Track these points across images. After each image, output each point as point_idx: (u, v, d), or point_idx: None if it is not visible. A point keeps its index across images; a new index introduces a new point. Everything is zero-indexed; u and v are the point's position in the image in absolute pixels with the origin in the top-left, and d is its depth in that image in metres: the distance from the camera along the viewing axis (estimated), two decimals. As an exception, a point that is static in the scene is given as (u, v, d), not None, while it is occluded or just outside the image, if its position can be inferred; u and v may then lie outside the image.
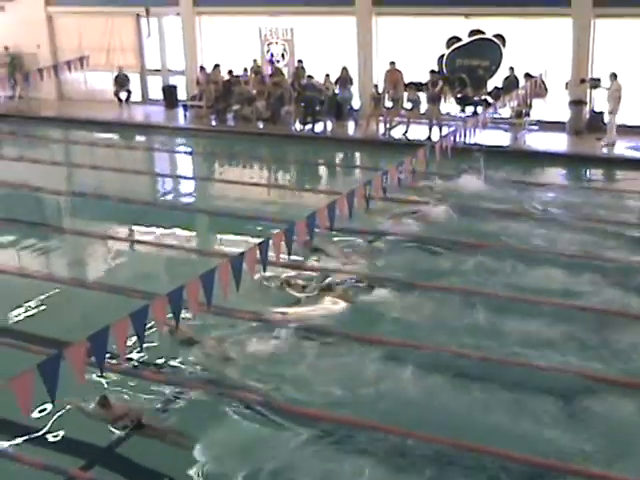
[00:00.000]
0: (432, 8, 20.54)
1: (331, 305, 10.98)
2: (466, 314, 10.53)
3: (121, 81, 24.69)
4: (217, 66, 23.17)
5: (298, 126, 21.59)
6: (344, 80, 21.56)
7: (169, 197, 17.27)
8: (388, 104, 21.14)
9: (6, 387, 6.43)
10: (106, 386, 8.90)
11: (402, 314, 10.59)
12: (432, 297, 11.08)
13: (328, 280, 11.58)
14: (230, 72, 22.96)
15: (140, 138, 22.96)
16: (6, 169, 19.44)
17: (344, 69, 21.49)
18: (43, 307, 11.47)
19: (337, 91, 21.65)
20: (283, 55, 23.21)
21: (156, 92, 25.23)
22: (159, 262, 12.93)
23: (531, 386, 8.85)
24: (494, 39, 20.51)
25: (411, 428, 8.05)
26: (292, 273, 11.74)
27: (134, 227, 14.80)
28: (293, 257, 10.35)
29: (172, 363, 9.58)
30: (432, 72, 20.53)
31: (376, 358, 9.49)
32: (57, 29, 26.45)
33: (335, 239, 12.81)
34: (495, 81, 20.71)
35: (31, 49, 26.23)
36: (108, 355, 7.26)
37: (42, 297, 11.80)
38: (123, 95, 24.75)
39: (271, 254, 9.31)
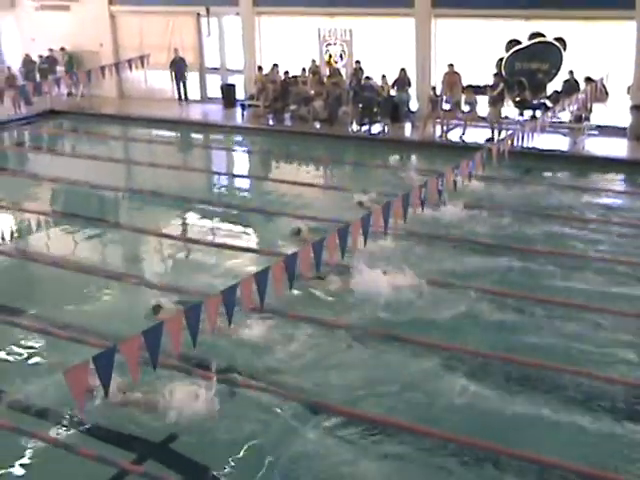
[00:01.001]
0: (492, 10, 20.35)
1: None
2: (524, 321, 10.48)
3: (177, 64, 24.88)
4: (275, 66, 23.29)
5: (355, 127, 21.58)
6: (402, 82, 21.48)
7: (225, 195, 17.39)
8: (446, 106, 21.02)
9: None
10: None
11: (456, 319, 10.57)
12: (488, 299, 11.02)
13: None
14: (286, 72, 23.05)
15: (198, 136, 23.20)
16: (67, 165, 19.83)
17: (402, 70, 21.42)
18: (99, 301, 11.70)
19: (393, 93, 21.57)
20: (341, 56, 23.22)
21: (215, 91, 25.44)
22: (213, 260, 13.02)
23: (586, 396, 8.76)
24: (554, 42, 20.23)
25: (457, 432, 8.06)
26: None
27: (190, 224, 14.94)
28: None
29: (222, 362, 9.65)
30: (495, 75, 20.36)
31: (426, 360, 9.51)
32: (119, 28, 26.85)
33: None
34: (555, 85, 20.43)
35: (93, 48, 26.67)
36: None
37: (98, 292, 12.05)
38: (181, 89, 25.01)
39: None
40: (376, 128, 21.49)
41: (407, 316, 10.57)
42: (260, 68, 23.54)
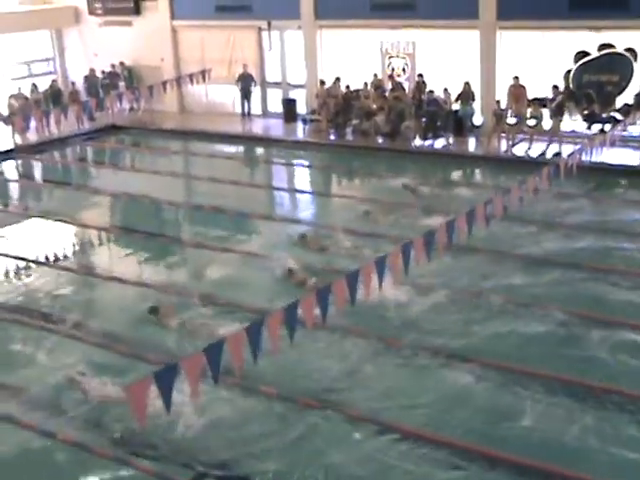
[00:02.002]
0: (559, 22, 20.13)
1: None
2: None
3: (245, 80, 25.06)
4: (337, 80, 23.37)
5: (418, 142, 21.53)
6: (466, 95, 21.38)
7: (286, 211, 17.45)
8: (511, 120, 20.84)
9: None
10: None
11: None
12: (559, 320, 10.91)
13: None
14: (348, 87, 23.11)
15: (259, 151, 23.38)
16: (128, 180, 20.16)
17: (466, 84, 21.32)
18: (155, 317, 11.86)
19: (457, 107, 21.47)
20: (404, 69, 23.21)
21: (276, 105, 25.64)
22: (273, 276, 13.07)
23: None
24: (625, 53, 19.93)
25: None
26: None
27: (249, 240, 15.03)
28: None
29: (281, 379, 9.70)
30: (554, 87, 20.13)
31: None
32: (180, 42, 27.26)
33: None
34: (625, 97, 20.11)
35: (155, 62, 27.14)
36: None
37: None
38: (245, 104, 25.23)
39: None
40: (440, 143, 21.42)
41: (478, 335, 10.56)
42: (322, 82, 23.63)
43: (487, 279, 12.56)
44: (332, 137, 22.94)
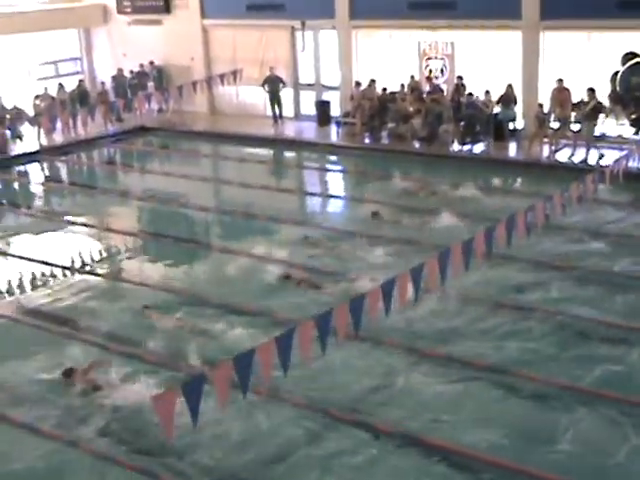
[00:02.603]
0: (607, 21, 19.95)
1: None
2: None
3: (272, 82, 25.08)
4: (373, 82, 23.37)
5: (456, 146, 21.47)
6: (508, 98, 21.24)
7: (318, 217, 17.45)
8: (554, 125, 20.71)
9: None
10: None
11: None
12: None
13: None
14: (384, 89, 23.12)
15: (291, 154, 23.43)
16: (157, 183, 20.31)
17: (509, 87, 21.18)
18: (184, 325, 11.93)
19: (497, 110, 21.37)
20: (442, 71, 23.17)
21: (309, 107, 25.70)
22: (306, 285, 13.09)
23: None
24: (676, 55, 19.74)
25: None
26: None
27: (280, 247, 15.04)
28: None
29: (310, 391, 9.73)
30: (589, 90, 19.89)
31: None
32: (211, 42, 27.44)
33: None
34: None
35: (185, 62, 27.35)
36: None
37: (184, 314, 12.28)
38: (275, 107, 25.25)
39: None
40: (479, 147, 21.34)
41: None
42: (358, 84, 23.64)
43: (526, 291, 12.52)
44: (367, 141, 22.94)
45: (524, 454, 8.48)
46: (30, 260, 15.09)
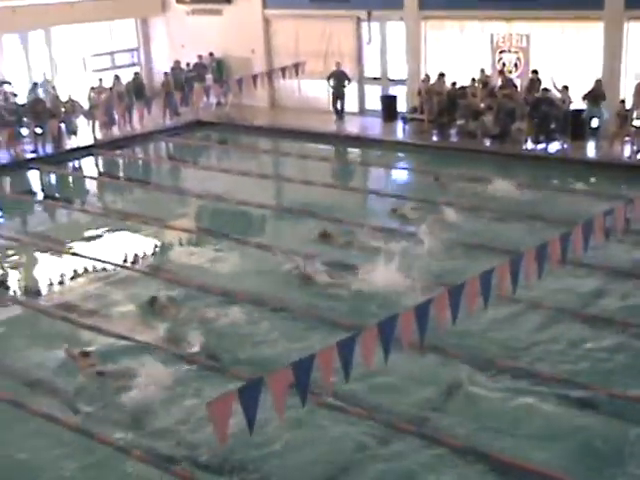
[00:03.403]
0: None
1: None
2: None
3: (337, 77, 25.05)
4: (442, 76, 23.25)
5: (530, 145, 21.26)
6: (596, 95, 20.76)
7: (380, 218, 17.34)
8: (637, 122, 20.36)
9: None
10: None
11: None
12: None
13: None
14: (453, 83, 22.99)
15: (354, 151, 23.43)
16: (213, 179, 20.46)
17: (598, 82, 20.63)
18: (235, 326, 12.06)
19: (583, 106, 20.99)
20: (516, 65, 22.95)
21: (374, 102, 25.67)
22: (362, 286, 13.12)
23: None
24: None
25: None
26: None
27: (340, 247, 15.04)
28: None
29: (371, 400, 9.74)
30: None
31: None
32: (273, 33, 27.57)
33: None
34: None
35: (245, 54, 27.54)
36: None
37: (232, 315, 12.39)
38: (338, 103, 25.24)
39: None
40: (554, 146, 21.09)
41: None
42: (427, 78, 23.53)
43: (601, 300, 12.37)
44: (434, 138, 22.86)
45: (590, 475, 8.38)
46: (81, 256, 15.40)
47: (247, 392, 6.97)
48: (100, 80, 25.67)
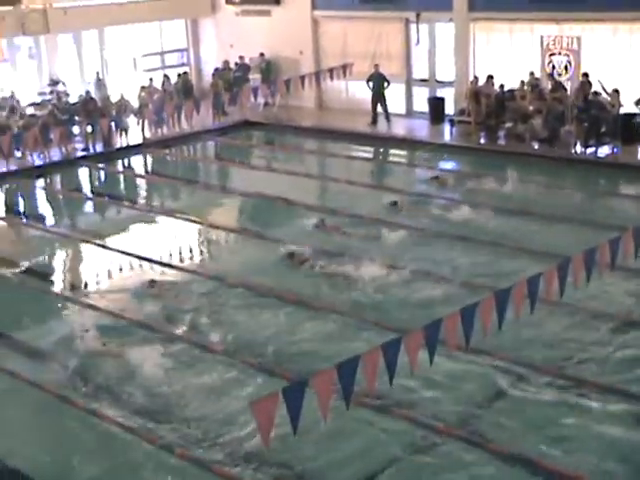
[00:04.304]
0: None
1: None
2: None
3: (376, 80, 24.87)
4: (490, 78, 23.06)
5: (579, 149, 21.01)
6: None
7: (426, 222, 17.13)
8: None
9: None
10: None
11: None
12: None
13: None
14: (502, 86, 22.80)
15: (400, 153, 23.26)
16: (259, 179, 20.50)
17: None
18: (285, 325, 12.09)
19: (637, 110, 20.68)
20: (566, 67, 22.69)
21: (422, 104, 25.55)
22: (408, 290, 13.06)
23: None
24: None
25: None
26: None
27: (385, 250, 14.96)
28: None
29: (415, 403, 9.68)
30: None
31: None
32: (321, 34, 27.58)
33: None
34: None
35: (293, 55, 27.59)
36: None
37: (287, 318, 12.40)
38: (378, 106, 25.09)
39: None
40: (604, 150, 20.83)
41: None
42: (475, 80, 23.35)
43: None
44: (482, 141, 22.68)
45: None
46: (128, 254, 15.53)
47: (291, 392, 6.96)
48: (150, 80, 25.91)
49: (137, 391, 10.45)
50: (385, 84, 24.96)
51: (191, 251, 15.93)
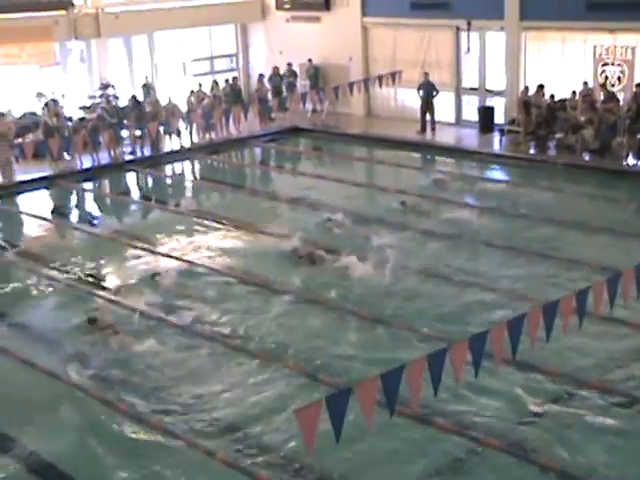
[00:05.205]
0: None
1: None
2: None
3: (426, 88, 24.85)
4: (541, 87, 22.92)
5: (631, 160, 20.77)
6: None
7: (472, 231, 16.99)
8: None
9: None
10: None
11: None
12: None
13: None
14: (552, 96, 22.63)
15: (448, 162, 23.13)
16: (306, 186, 20.50)
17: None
18: (323, 331, 12.19)
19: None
20: (619, 78, 22.47)
21: (471, 113, 25.45)
22: (453, 305, 13.05)
23: None
24: None
25: None
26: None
27: (431, 261, 14.90)
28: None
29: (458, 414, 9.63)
30: None
31: None
32: (371, 41, 27.61)
33: None
34: None
35: (342, 61, 27.64)
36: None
37: (329, 323, 12.44)
38: (427, 115, 25.01)
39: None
40: (657, 163, 20.62)
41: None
42: (526, 89, 23.19)
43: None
44: (532, 151, 22.52)
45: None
46: (172, 258, 15.67)
47: (334, 400, 6.96)
48: (200, 85, 26.11)
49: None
50: (434, 92, 24.92)
51: (233, 256, 15.92)
